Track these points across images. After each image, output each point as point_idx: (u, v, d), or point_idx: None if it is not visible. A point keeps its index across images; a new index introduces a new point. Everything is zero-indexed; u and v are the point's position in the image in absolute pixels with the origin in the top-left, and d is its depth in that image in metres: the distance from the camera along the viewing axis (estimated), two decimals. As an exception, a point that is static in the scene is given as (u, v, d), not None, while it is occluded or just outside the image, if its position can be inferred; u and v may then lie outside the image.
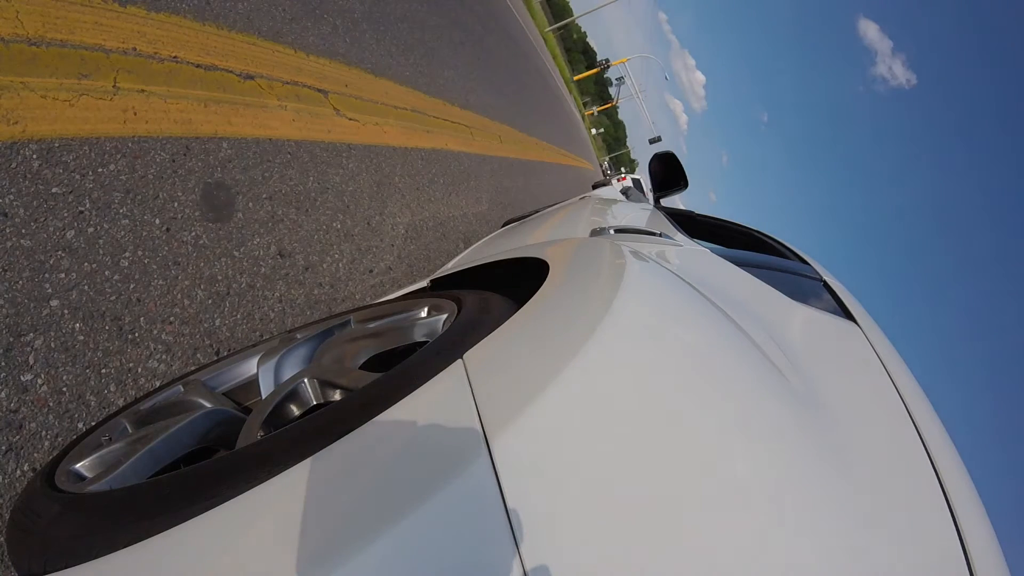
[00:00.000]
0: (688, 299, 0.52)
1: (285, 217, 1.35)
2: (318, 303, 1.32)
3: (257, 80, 1.47)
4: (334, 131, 1.77)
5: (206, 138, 1.20)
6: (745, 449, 0.35)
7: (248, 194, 1.25)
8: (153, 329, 0.93)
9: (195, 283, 1.05)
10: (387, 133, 2.22)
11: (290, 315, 1.22)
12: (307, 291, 1.32)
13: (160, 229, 1.03)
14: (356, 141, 1.91)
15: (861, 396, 0.55)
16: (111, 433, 0.60)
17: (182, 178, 1.11)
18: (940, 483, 0.44)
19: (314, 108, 1.72)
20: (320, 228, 1.49)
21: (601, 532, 0.28)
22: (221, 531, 0.31)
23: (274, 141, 1.44)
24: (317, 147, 1.63)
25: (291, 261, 1.31)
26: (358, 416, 0.35)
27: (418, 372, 0.39)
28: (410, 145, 2.43)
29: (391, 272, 1.74)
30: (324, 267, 1.43)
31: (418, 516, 0.27)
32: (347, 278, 1.50)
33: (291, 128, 1.53)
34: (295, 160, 1.49)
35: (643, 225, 1.27)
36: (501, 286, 0.62)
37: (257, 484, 0.32)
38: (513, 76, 7.02)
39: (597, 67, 40.77)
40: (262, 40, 1.57)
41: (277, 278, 1.24)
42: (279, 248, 1.29)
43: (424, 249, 2.09)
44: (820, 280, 0.91)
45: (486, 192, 3.31)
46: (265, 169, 1.35)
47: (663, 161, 2.01)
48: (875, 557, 0.34)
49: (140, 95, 1.11)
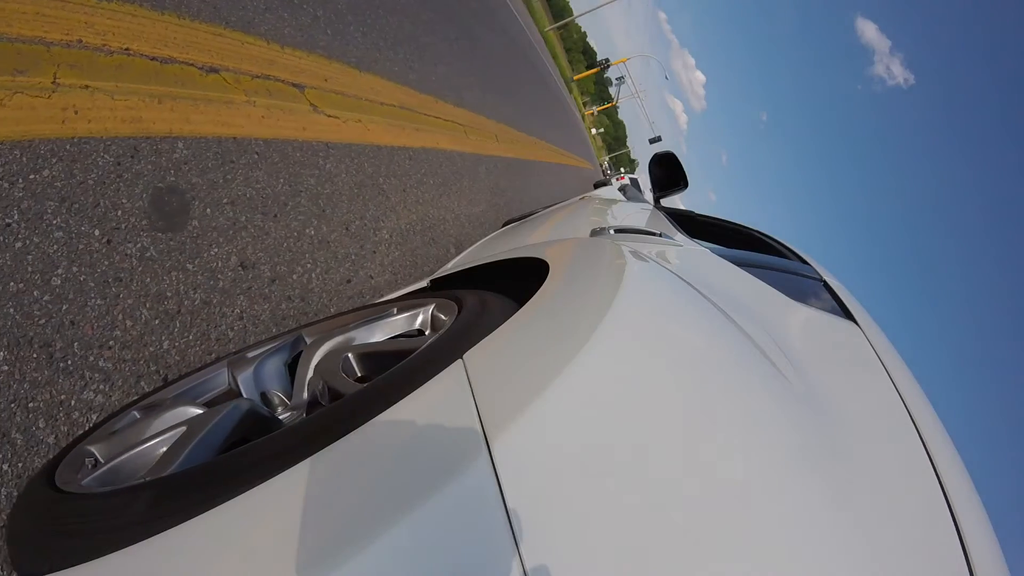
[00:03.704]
0: (688, 299, 0.52)
1: (249, 224, 1.21)
2: (286, 319, 1.18)
3: (222, 74, 1.33)
4: (310, 129, 1.63)
5: (159, 138, 1.09)
6: (745, 449, 0.35)
7: (206, 199, 1.12)
8: (89, 356, 0.82)
9: (139, 301, 0.93)
10: (371, 131, 2.07)
11: (252, 333, 1.08)
12: (273, 306, 1.18)
13: (100, 241, 0.91)
14: (335, 140, 1.75)
15: (861, 396, 0.55)
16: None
17: (128, 183, 0.99)
18: (940, 483, 0.44)
19: (288, 104, 1.57)
20: (290, 235, 1.34)
21: (601, 532, 0.28)
22: (221, 531, 0.31)
23: (239, 140, 1.29)
24: (289, 146, 1.49)
25: (255, 273, 1.17)
26: (358, 416, 0.35)
27: (418, 372, 0.39)
28: (397, 144, 2.27)
29: (372, 281, 1.60)
30: (294, 278, 1.29)
31: (418, 516, 0.27)
32: (320, 289, 1.36)
33: (260, 126, 1.39)
34: (263, 161, 1.35)
35: (643, 225, 1.27)
36: (501, 286, 0.61)
37: (257, 484, 0.32)
38: (511, 74, 6.88)
39: (597, 67, 40.72)
40: (230, 31, 1.43)
41: (238, 292, 1.10)
42: (241, 259, 1.15)
43: (410, 255, 1.95)
44: (820, 280, 0.90)
45: (480, 192, 3.16)
46: (227, 171, 1.21)
47: (663, 161, 2.00)
48: (875, 557, 0.33)
49: (83, 92, 1.00)
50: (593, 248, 0.62)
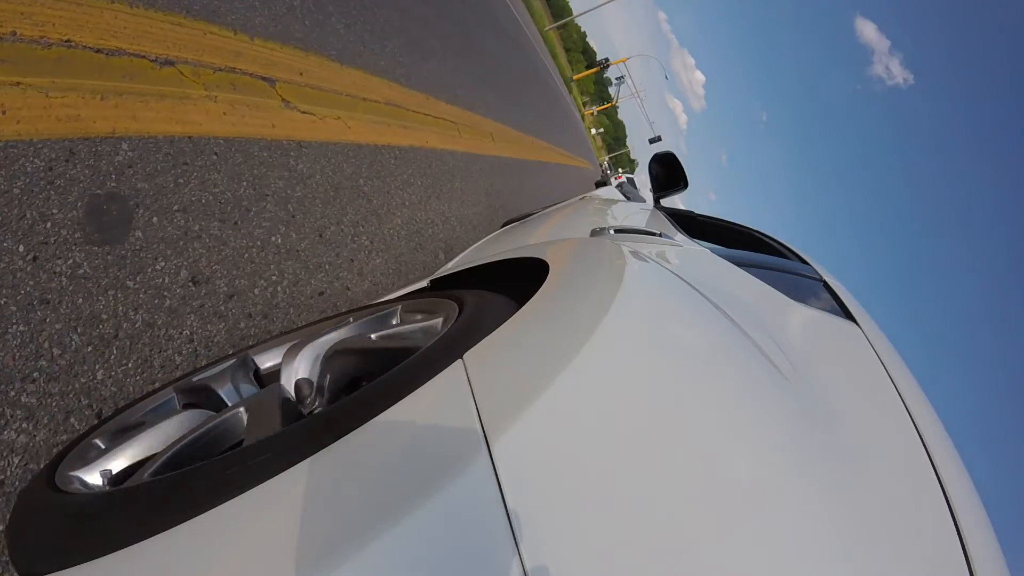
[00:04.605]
0: (688, 299, 0.52)
1: (204, 233, 1.08)
2: (245, 339, 1.06)
3: (178, 67, 1.20)
4: (280, 126, 1.48)
5: (100, 138, 0.97)
6: (745, 449, 0.35)
7: (152, 207, 0.99)
8: (9, 390, 0.72)
9: (69, 326, 0.81)
10: (352, 129, 1.90)
11: (204, 357, 0.97)
12: (229, 325, 1.05)
13: (24, 259, 0.80)
14: (310, 138, 1.60)
15: (861, 396, 0.55)
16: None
17: (60, 191, 0.88)
18: (940, 483, 0.44)
19: (255, 99, 1.42)
20: (252, 245, 1.20)
21: (601, 532, 0.27)
22: (221, 531, 0.30)
23: (195, 139, 1.16)
24: (255, 145, 1.34)
25: (209, 288, 1.04)
26: (358, 416, 0.35)
27: (418, 372, 0.39)
28: (381, 142, 2.10)
29: (348, 292, 1.46)
30: (255, 293, 1.15)
31: (418, 516, 0.27)
32: (287, 304, 1.22)
33: (220, 123, 1.25)
34: (223, 162, 1.21)
35: (643, 225, 1.26)
36: (501, 286, 0.61)
37: (257, 484, 0.32)
38: (509, 72, 6.71)
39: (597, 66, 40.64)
40: (191, 20, 1.29)
41: (188, 311, 0.98)
42: (192, 273, 1.02)
43: (394, 262, 1.80)
44: (820, 280, 0.90)
45: (474, 193, 2.99)
46: (179, 174, 1.08)
47: (663, 161, 2.00)
48: (875, 557, 0.33)
49: (14, 89, 0.89)
50: (593, 248, 0.63)
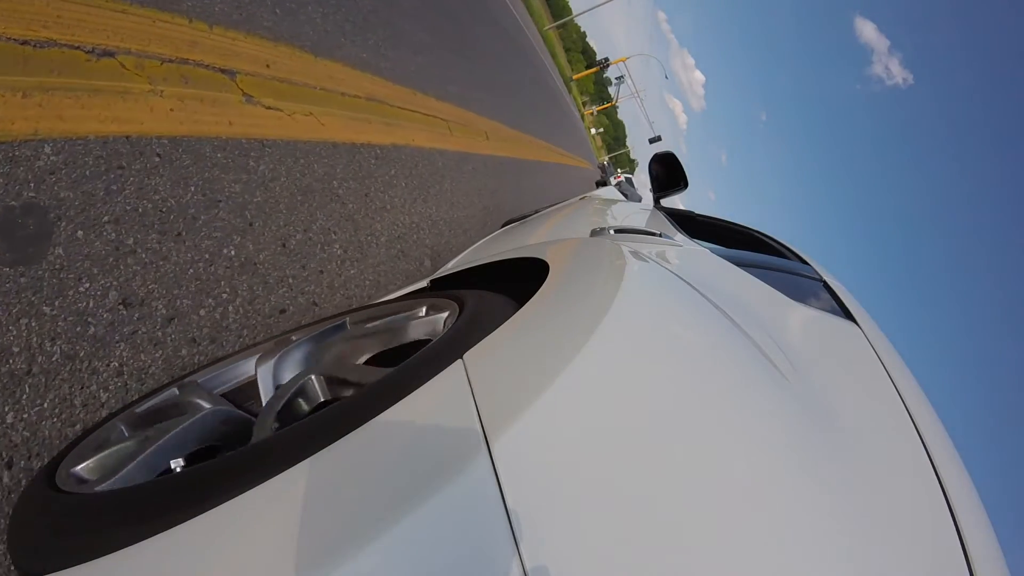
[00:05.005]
0: (688, 299, 0.52)
1: (140, 248, 0.94)
2: (187, 367, 0.92)
3: (119, 58, 1.05)
4: (240, 123, 1.32)
5: (17, 142, 0.84)
6: (745, 449, 0.35)
7: (77, 219, 0.86)
8: None
9: (-31, 363, 0.69)
10: (327, 126, 1.72)
11: (136, 391, 0.84)
12: (168, 352, 0.91)
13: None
14: (275, 136, 1.44)
15: (861, 396, 0.55)
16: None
17: (-38, 204, 0.75)
18: (940, 483, 0.44)
19: (211, 94, 1.27)
20: (199, 258, 1.05)
21: (601, 532, 0.28)
22: (221, 531, 0.30)
23: (134, 140, 1.01)
24: (208, 145, 1.19)
25: (144, 311, 0.90)
26: (358, 416, 0.35)
27: (418, 372, 0.39)
28: (360, 140, 1.93)
29: (315, 308, 1.31)
30: (201, 314, 1.00)
31: (418, 516, 0.27)
32: (240, 325, 1.07)
33: (166, 121, 1.10)
34: (167, 164, 1.06)
35: (643, 225, 1.25)
36: (501, 286, 0.61)
37: (257, 484, 0.32)
38: (506, 70, 6.53)
39: (596, 66, 40.58)
40: (137, 8, 1.14)
41: (117, 340, 0.84)
42: (124, 294, 0.89)
43: (371, 272, 1.63)
44: (820, 280, 0.90)
45: (465, 195, 2.82)
46: (112, 180, 0.94)
47: (663, 161, 1.98)
48: (875, 557, 0.33)
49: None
50: (593, 248, 0.63)
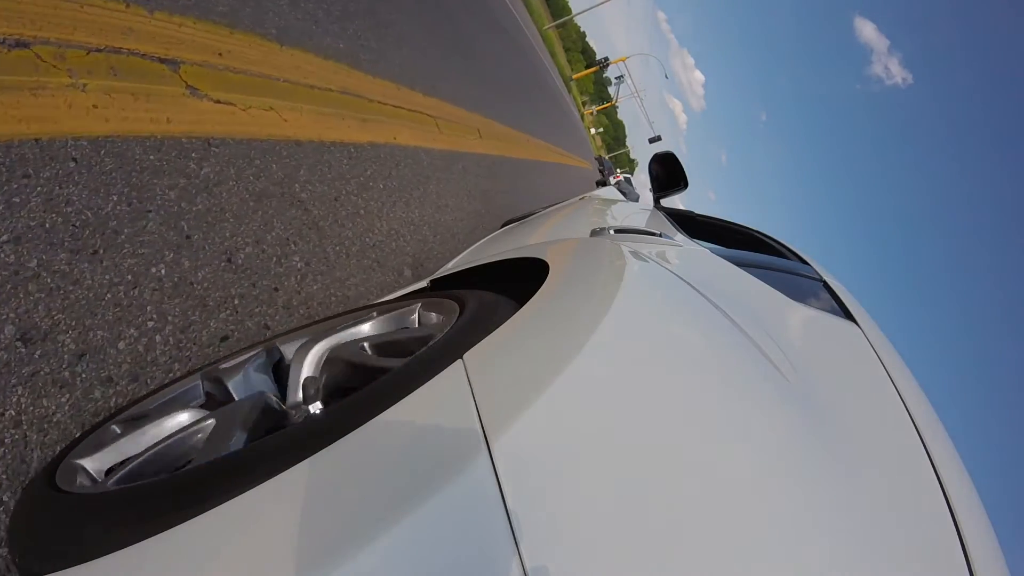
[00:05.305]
0: (688, 299, 0.53)
1: (44, 270, 0.78)
2: (100, 412, 0.76)
3: (34, 48, 0.91)
4: (181, 120, 1.13)
5: None
6: (745, 449, 0.35)
7: (-38, 239, 0.73)
8: None
9: None
10: (289, 122, 1.51)
11: (36, 448, 0.67)
12: (78, 395, 0.75)
13: None
14: (224, 133, 1.25)
15: (861, 396, 0.55)
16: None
17: None
18: (940, 483, 0.44)
19: (146, 87, 1.09)
20: (119, 280, 0.87)
21: (601, 532, 0.28)
22: (221, 531, 0.31)
23: (45, 142, 0.87)
24: (139, 146, 1.01)
25: (47, 348, 0.74)
26: (358, 416, 0.35)
27: (418, 372, 0.39)
28: (331, 139, 1.72)
29: (267, 333, 1.10)
30: (120, 347, 0.83)
31: (418, 516, 0.27)
32: (170, 358, 0.88)
33: (88, 119, 0.95)
34: (85, 170, 0.90)
35: (643, 225, 1.26)
36: (501, 286, 0.61)
37: (257, 484, 0.32)
38: (504, 68, 6.29)
39: (596, 66, 40.66)
40: None
41: (13, 383, 0.69)
42: (22, 327, 0.73)
43: (338, 287, 1.40)
44: (820, 280, 0.91)
45: (454, 197, 2.56)
46: (13, 192, 0.79)
47: (663, 161, 1.99)
48: (875, 557, 0.34)
49: None
50: (593, 248, 0.63)
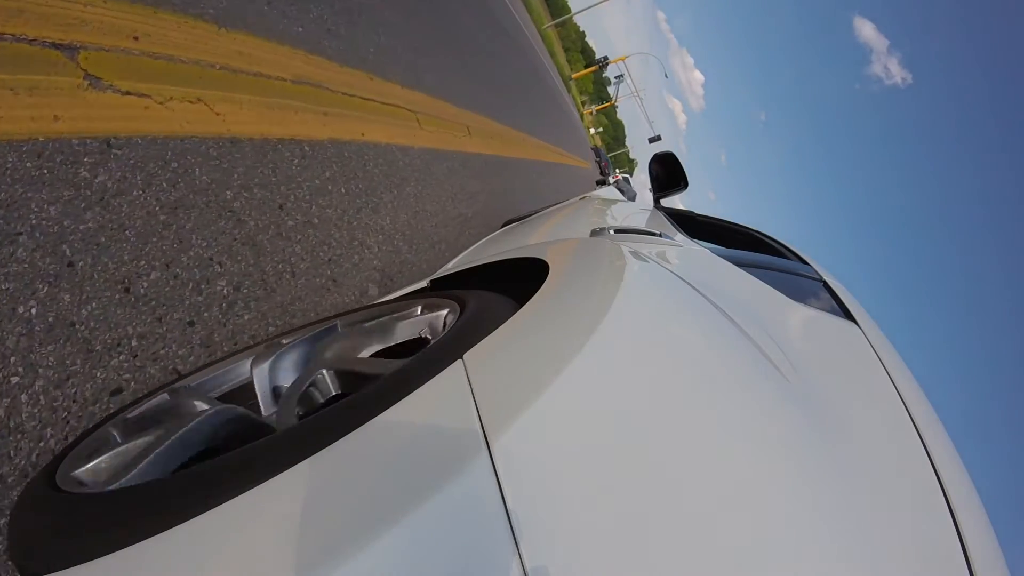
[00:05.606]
0: (688, 299, 0.53)
1: None
2: None
3: None
4: (72, 116, 0.95)
5: None
6: (745, 449, 0.35)
7: None
8: None
9: None
10: (223, 116, 1.27)
11: None
12: None
13: None
14: (131, 131, 1.04)
15: (861, 396, 0.55)
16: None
17: None
18: (940, 483, 0.44)
19: (30, 78, 0.91)
20: None
21: (602, 532, 0.28)
22: (221, 531, 0.31)
23: None
24: (12, 152, 0.84)
25: None
26: (358, 416, 0.35)
27: (418, 372, 0.39)
28: (279, 135, 1.43)
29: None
30: None
31: (418, 516, 0.27)
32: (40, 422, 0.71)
33: None
34: None
35: (643, 225, 1.26)
36: (501, 286, 0.61)
37: (257, 484, 0.32)
38: (501, 66, 6.04)
39: (595, 65, 40.66)
40: None
41: None
42: None
43: (278, 312, 1.17)
44: (820, 280, 0.91)
45: (435, 200, 2.28)
46: None
47: (663, 161, 1.99)
48: (874, 557, 0.34)
49: None
50: (593, 248, 0.63)
